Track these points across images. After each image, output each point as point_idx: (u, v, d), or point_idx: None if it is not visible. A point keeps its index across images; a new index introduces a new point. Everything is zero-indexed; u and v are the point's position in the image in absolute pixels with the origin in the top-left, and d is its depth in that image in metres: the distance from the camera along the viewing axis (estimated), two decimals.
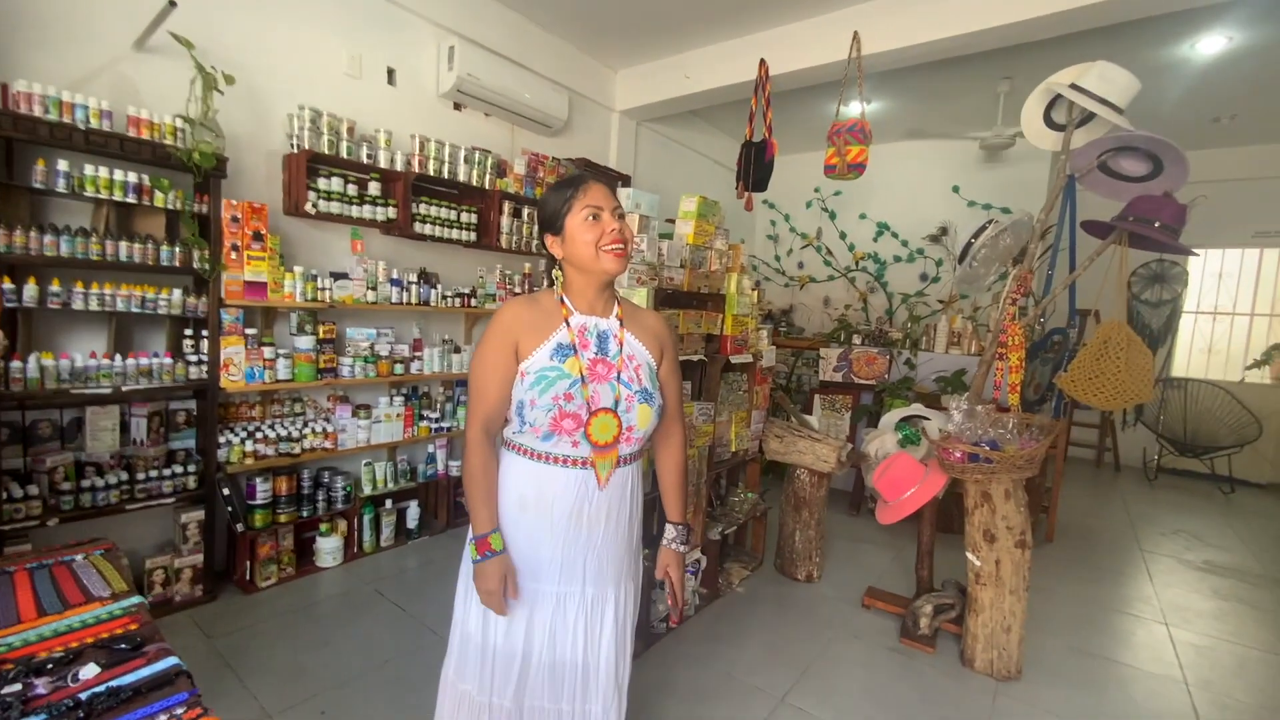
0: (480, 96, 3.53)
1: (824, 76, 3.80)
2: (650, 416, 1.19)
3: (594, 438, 1.14)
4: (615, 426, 1.16)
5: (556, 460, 1.16)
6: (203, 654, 2.13)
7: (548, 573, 1.19)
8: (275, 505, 2.64)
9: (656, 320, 1.32)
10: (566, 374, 1.12)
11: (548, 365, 1.12)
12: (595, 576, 1.22)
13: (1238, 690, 2.22)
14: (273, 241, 2.52)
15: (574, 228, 1.15)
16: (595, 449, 1.16)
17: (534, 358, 1.13)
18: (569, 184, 1.17)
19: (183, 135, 2.35)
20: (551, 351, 1.14)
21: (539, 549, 1.18)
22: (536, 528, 1.17)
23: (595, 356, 1.17)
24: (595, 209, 1.14)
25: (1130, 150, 2.30)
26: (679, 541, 1.35)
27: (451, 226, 3.32)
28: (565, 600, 1.20)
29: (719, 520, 2.76)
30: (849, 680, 2.17)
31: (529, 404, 1.11)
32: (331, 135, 2.77)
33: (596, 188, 1.16)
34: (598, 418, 1.14)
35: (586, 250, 1.14)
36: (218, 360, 2.41)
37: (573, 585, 1.21)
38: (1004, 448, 2.13)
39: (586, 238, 1.13)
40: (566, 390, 1.11)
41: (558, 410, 1.11)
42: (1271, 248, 5.44)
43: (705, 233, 2.48)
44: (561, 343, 1.15)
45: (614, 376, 1.17)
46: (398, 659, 2.12)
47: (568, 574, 1.20)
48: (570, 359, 1.14)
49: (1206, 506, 4.64)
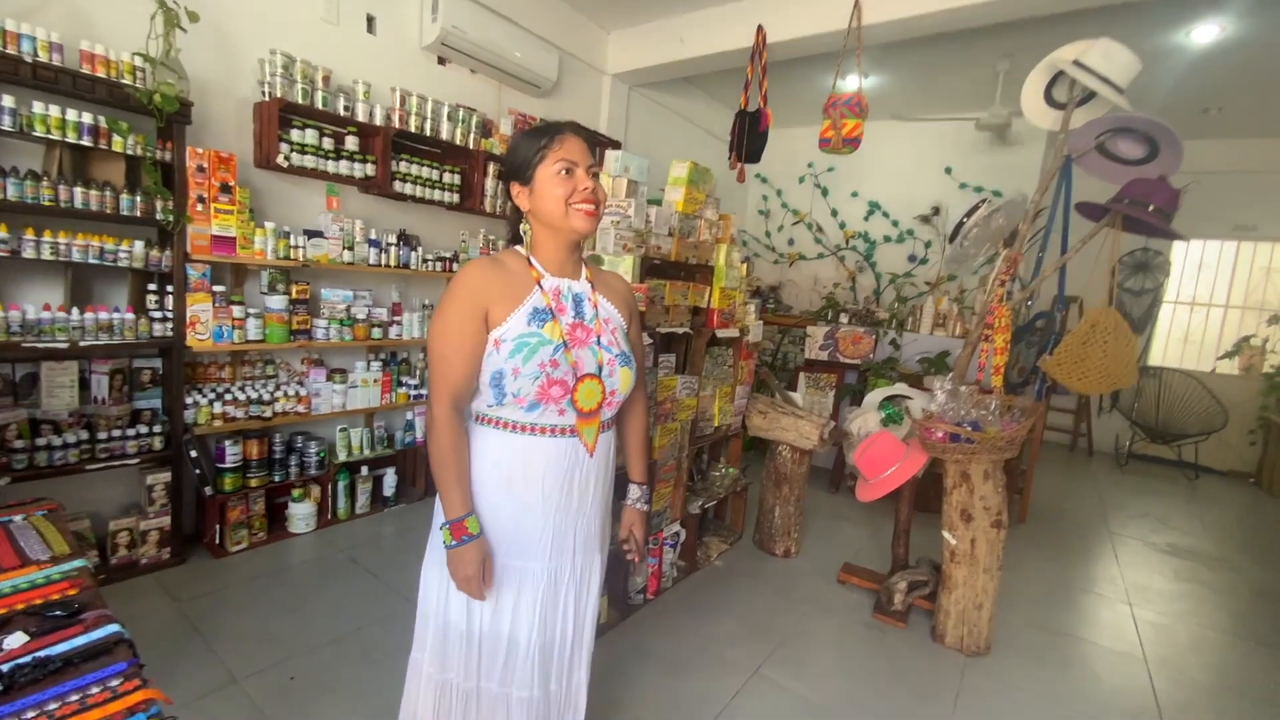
0: (466, 51, 3.37)
1: (822, 47, 3.69)
2: (630, 379, 1.15)
3: (580, 404, 1.09)
4: (600, 392, 1.11)
5: (544, 430, 1.10)
6: (169, 617, 2.08)
7: (538, 549, 1.14)
8: (246, 469, 2.57)
9: (622, 282, 1.27)
10: (547, 339, 1.06)
11: (525, 331, 1.05)
12: (583, 545, 1.19)
13: (1193, 668, 2.29)
14: (242, 194, 2.40)
15: (544, 180, 1.07)
16: (580, 416, 1.11)
17: (508, 324, 1.05)
18: (544, 132, 1.08)
19: (143, 75, 2.20)
20: (528, 316, 1.06)
21: (526, 526, 1.12)
22: (525, 504, 1.12)
23: (574, 320, 1.11)
24: (569, 163, 1.06)
25: (1127, 132, 2.27)
26: (643, 501, 1.37)
27: (433, 187, 3.19)
28: (557, 576, 1.16)
29: (699, 495, 2.75)
30: (822, 654, 2.19)
31: (510, 374, 1.04)
32: (306, 84, 2.63)
33: (573, 140, 1.08)
34: (584, 384, 1.09)
35: (555, 206, 1.06)
36: (183, 317, 2.31)
37: (564, 558, 1.16)
38: (985, 429, 2.13)
39: (557, 192, 1.06)
40: (551, 356, 1.05)
41: (545, 378, 1.05)
42: (1249, 241, 5.51)
43: (695, 201, 2.40)
44: (537, 307, 1.08)
45: (594, 341, 1.12)
46: (369, 626, 2.09)
47: (559, 547, 1.15)
48: (549, 324, 1.07)
49: (1172, 492, 4.77)
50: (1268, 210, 5.25)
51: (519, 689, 1.14)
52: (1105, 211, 2.20)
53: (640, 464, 1.36)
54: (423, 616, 1.20)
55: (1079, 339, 2.25)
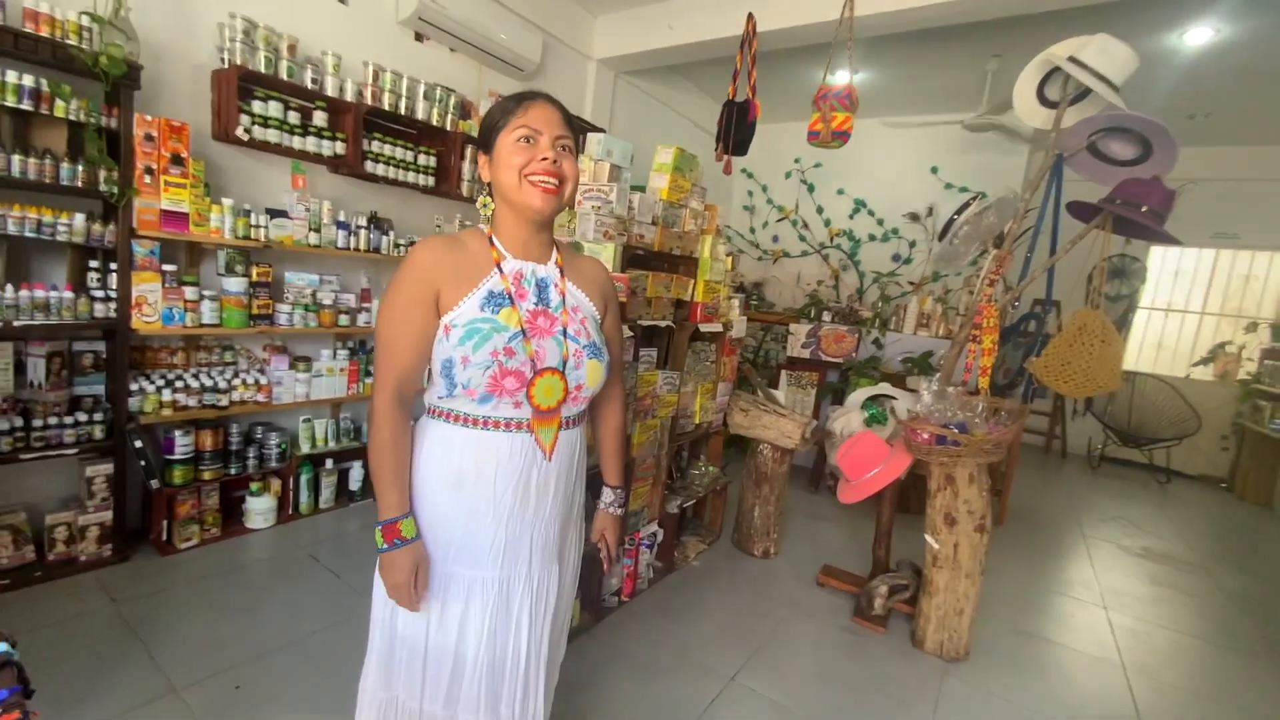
0: (445, 28, 3.22)
1: (813, 37, 3.62)
2: (600, 372, 1.05)
3: (536, 401, 0.99)
4: (560, 389, 1.00)
5: (498, 425, 0.99)
6: (106, 619, 1.93)
7: (488, 557, 1.02)
8: (198, 461, 2.42)
9: (598, 268, 1.16)
10: (503, 326, 0.95)
11: (478, 317, 0.95)
12: (541, 554, 1.08)
13: (1171, 675, 2.28)
14: (195, 167, 2.24)
15: (503, 147, 0.96)
16: (537, 414, 1.00)
17: (460, 309, 0.95)
18: (514, 97, 0.98)
19: (89, 36, 2.04)
20: (481, 301, 0.96)
21: (477, 531, 1.01)
22: (475, 506, 1.01)
23: (536, 308, 1.00)
24: (532, 131, 0.95)
25: (1120, 132, 2.23)
26: (617, 505, 1.28)
27: (408, 169, 3.05)
28: (509, 586, 1.04)
29: (678, 493, 2.67)
30: (800, 659, 2.13)
31: (459, 362, 0.94)
32: (269, 52, 2.47)
33: (541, 107, 0.97)
34: (542, 378, 0.98)
35: (510, 177, 0.95)
36: (128, 298, 2.15)
37: (517, 567, 1.05)
38: (972, 431, 2.08)
39: (513, 161, 0.95)
40: (506, 344, 0.95)
41: (497, 367, 0.94)
42: (1227, 249, 5.59)
43: (681, 189, 2.31)
44: (493, 291, 0.97)
45: (559, 331, 1.01)
46: (326, 630, 1.97)
47: (511, 555, 1.04)
48: (505, 309, 0.97)
49: (1144, 495, 4.82)
50: (1248, 218, 5.32)
51: (465, 712, 1.03)
52: (1096, 212, 2.16)
53: (615, 465, 1.27)
54: (372, 626, 1.09)
55: (1066, 341, 2.21)
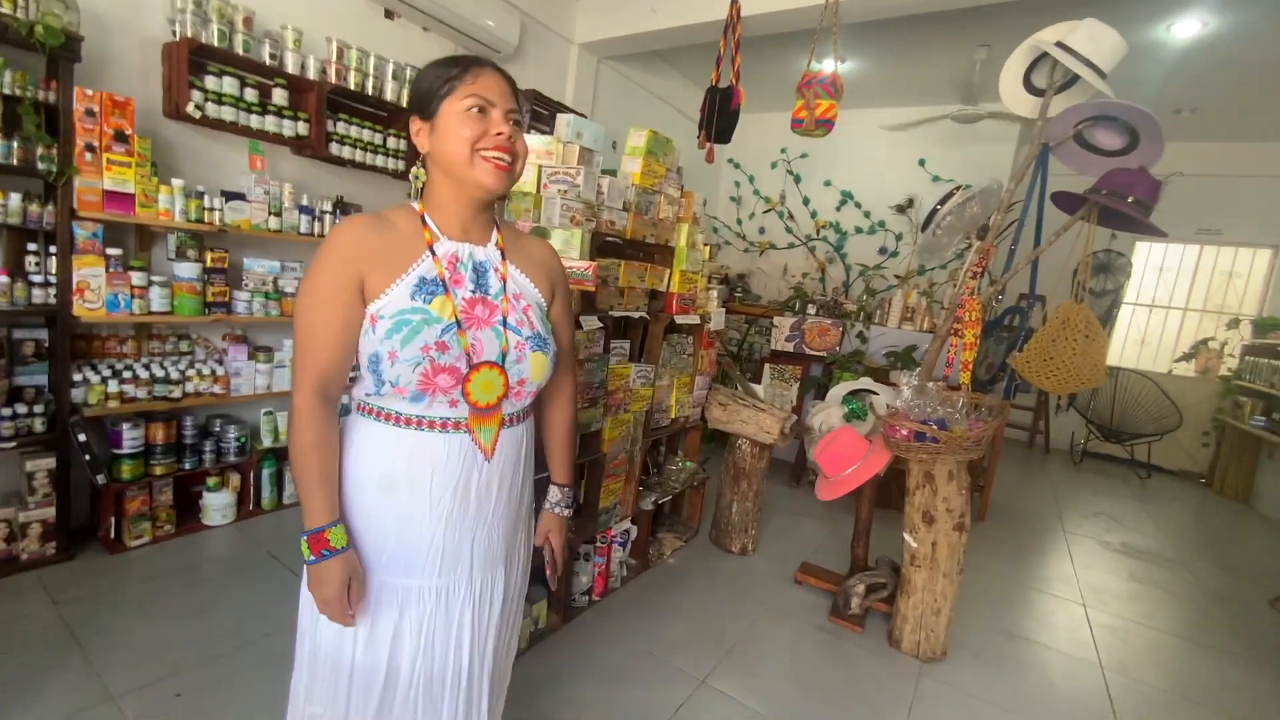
0: (417, 5, 3.09)
1: (798, 23, 3.53)
2: (545, 366, 0.97)
3: (474, 398, 0.90)
4: (500, 385, 0.92)
5: (433, 425, 0.90)
6: (45, 621, 1.83)
7: (425, 564, 0.94)
8: (149, 455, 2.31)
9: (544, 250, 1.08)
10: (435, 317, 0.86)
11: (407, 307, 0.86)
12: (484, 559, 0.99)
13: (1149, 674, 2.25)
14: (141, 145, 2.11)
15: (449, 116, 0.86)
16: (475, 412, 0.92)
17: (387, 297, 0.86)
18: (458, 61, 0.88)
19: (25, 4, 1.91)
20: (412, 289, 0.87)
21: (412, 537, 0.93)
22: (410, 510, 0.92)
23: (473, 295, 0.91)
24: (484, 100, 0.86)
25: (1107, 120, 2.17)
26: (564, 505, 1.19)
27: (376, 151, 2.94)
28: (447, 595, 0.96)
29: (654, 489, 2.60)
30: (774, 661, 2.07)
31: (387, 358, 0.85)
32: (223, 25, 2.34)
33: (492, 76, 0.88)
34: (479, 373, 0.89)
35: (459, 150, 0.86)
36: (69, 283, 2.03)
37: (458, 574, 0.97)
38: (951, 428, 2.02)
39: (463, 133, 0.86)
40: (438, 339, 0.86)
41: (429, 363, 0.85)
42: (1211, 245, 5.59)
43: (655, 174, 2.22)
44: (425, 277, 0.88)
45: (498, 320, 0.92)
46: (280, 633, 1.88)
47: (450, 562, 0.96)
48: (438, 298, 0.88)
49: (1124, 491, 4.83)
50: (1232, 214, 5.32)
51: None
52: (1082, 202, 2.10)
53: (564, 462, 1.18)
54: (299, 637, 1.01)
55: (1049, 336, 2.16)
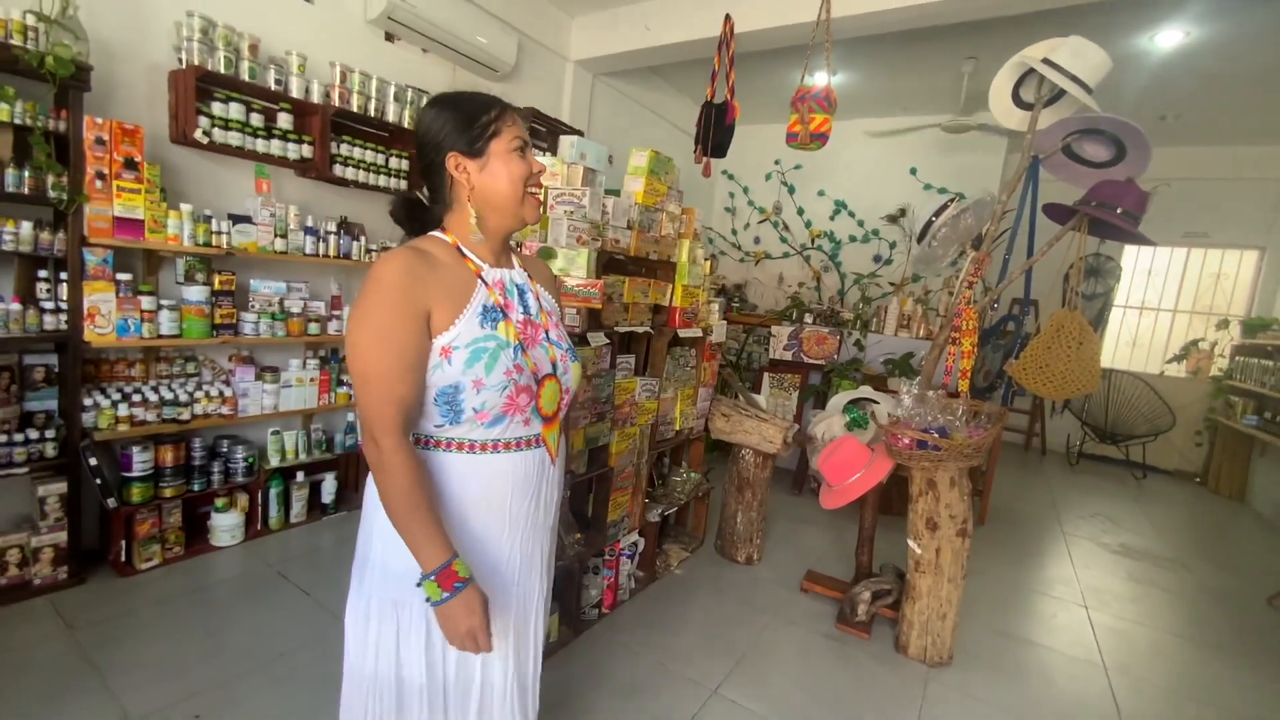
0: (416, 28, 3.15)
1: (790, 39, 3.60)
2: (580, 374, 1.05)
3: (544, 409, 0.97)
4: (559, 392, 1.00)
5: (509, 446, 0.94)
6: (60, 646, 1.84)
7: (507, 575, 0.99)
8: (158, 477, 2.32)
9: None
10: (506, 342, 0.91)
11: (480, 335, 0.88)
12: (547, 562, 1.08)
13: (1152, 674, 2.28)
14: (150, 171, 2.15)
15: (500, 156, 0.92)
16: (544, 421, 0.98)
17: (458, 328, 0.88)
18: (488, 99, 0.94)
19: (35, 36, 1.95)
20: (479, 318, 0.90)
21: (491, 553, 0.98)
22: (486, 530, 0.96)
23: (523, 317, 0.98)
24: (524, 141, 0.94)
25: (1094, 133, 2.23)
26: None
27: (379, 172, 2.97)
28: (527, 601, 1.03)
29: (660, 501, 2.63)
30: (783, 668, 2.10)
31: (470, 387, 0.87)
32: (229, 52, 2.38)
33: (518, 115, 0.96)
34: (545, 386, 0.96)
35: (512, 189, 0.92)
36: (80, 308, 2.05)
37: (533, 580, 1.04)
38: (953, 435, 2.06)
39: (516, 173, 0.92)
40: (515, 361, 0.91)
41: (512, 386, 0.90)
42: (1198, 248, 5.69)
43: (657, 192, 2.27)
44: (486, 305, 0.92)
45: (543, 337, 1.00)
46: (293, 653, 1.89)
47: (527, 569, 1.02)
48: (501, 323, 0.92)
49: (1121, 491, 4.88)
50: (1218, 217, 5.42)
51: None
52: (1072, 213, 2.16)
53: None
54: (355, 680, 0.98)
55: (1044, 343, 2.21)
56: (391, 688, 0.95)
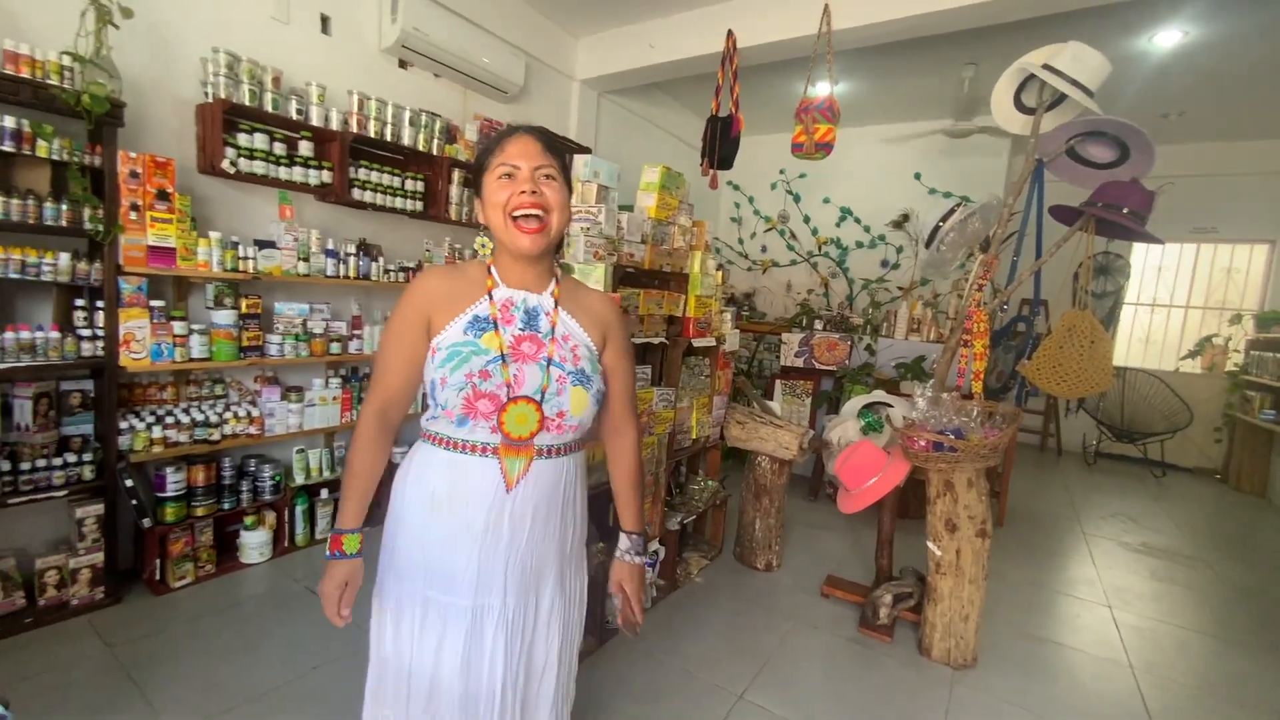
0: (429, 54, 3.25)
1: (792, 51, 3.67)
2: (585, 401, 1.03)
3: (506, 428, 0.98)
4: (535, 420, 0.99)
5: (473, 449, 0.99)
6: (100, 664, 1.89)
7: (462, 584, 1.02)
8: (190, 497, 2.38)
9: (603, 303, 1.15)
10: (483, 349, 0.97)
11: (460, 340, 0.98)
12: (518, 586, 1.05)
13: (1178, 672, 2.27)
14: (181, 201, 2.23)
15: (486, 188, 0.99)
16: (505, 442, 0.99)
17: (446, 332, 0.99)
18: (498, 135, 1.01)
19: (71, 75, 2.04)
20: (466, 325, 0.99)
21: (453, 556, 1.02)
22: (451, 530, 1.01)
23: (522, 333, 1.01)
24: (511, 167, 0.97)
25: (1097, 135, 2.27)
26: (633, 553, 1.20)
27: (395, 194, 3.06)
28: (481, 616, 1.03)
29: (678, 510, 2.66)
30: (808, 673, 2.11)
31: (439, 383, 0.97)
32: (253, 85, 2.47)
33: (520, 140, 0.98)
34: (515, 406, 0.97)
35: (495, 217, 0.98)
36: (116, 335, 2.13)
37: (490, 597, 1.03)
38: (968, 436, 2.08)
39: (498, 199, 0.97)
40: (483, 367, 0.96)
41: (470, 389, 0.96)
42: (1208, 243, 5.68)
43: (669, 206, 2.33)
44: (479, 315, 1.00)
45: (543, 357, 1.01)
46: (325, 666, 1.93)
47: (484, 584, 1.02)
48: (488, 334, 0.99)
49: (1140, 490, 4.84)
50: (1226, 212, 5.42)
51: None
52: (1079, 215, 2.19)
53: (631, 510, 1.21)
54: (372, 644, 1.12)
55: (1056, 343, 2.23)
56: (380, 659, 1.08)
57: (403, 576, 1.05)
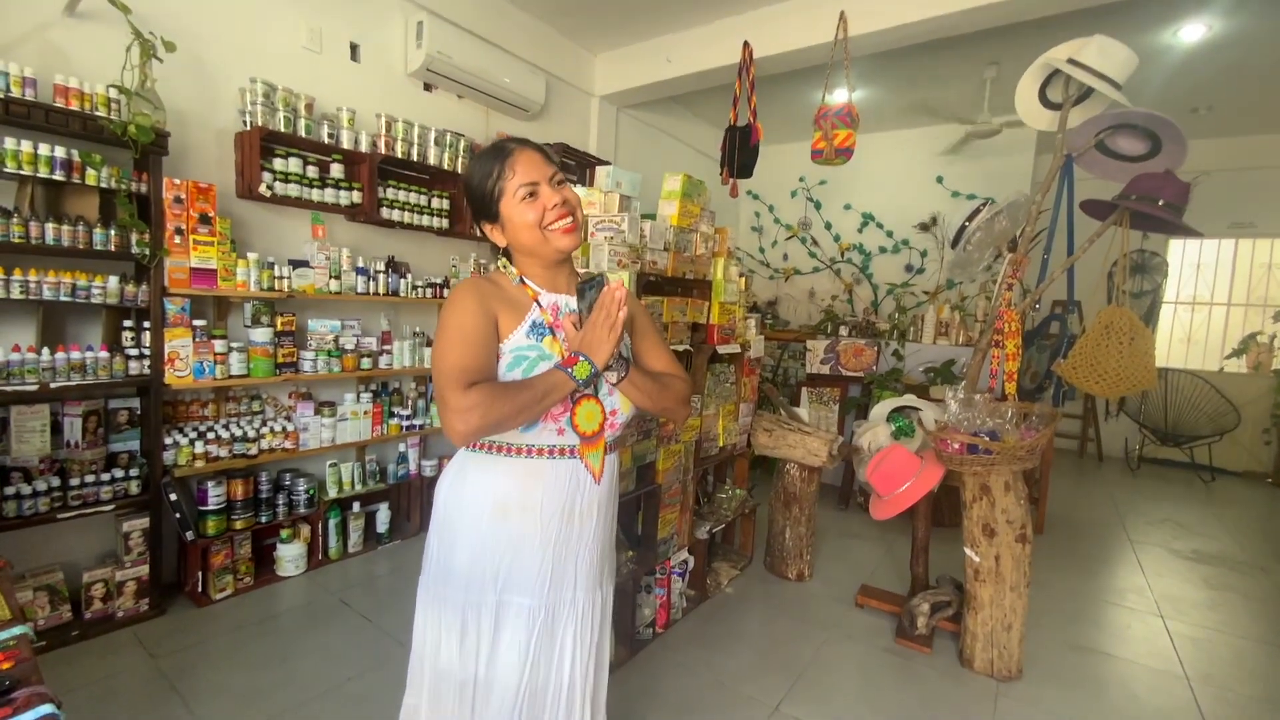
0: (452, 77, 3.34)
1: (809, 60, 3.69)
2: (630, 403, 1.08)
3: (580, 427, 1.02)
4: (599, 414, 1.03)
5: (542, 452, 1.01)
6: (145, 675, 1.94)
7: (535, 584, 1.04)
8: (230, 511, 2.44)
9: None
10: (548, 354, 0.99)
11: (524, 344, 0.99)
12: (586, 580, 1.10)
13: (1238, 683, 2.16)
14: (222, 225, 2.32)
15: (511, 212, 1.00)
16: (583, 440, 1.03)
17: (511, 337, 1.00)
18: (492, 157, 1.01)
19: (117, 107, 2.15)
20: (528, 330, 1.01)
21: (525, 558, 1.03)
22: (522, 533, 1.03)
23: None
24: (530, 185, 0.99)
25: (1128, 128, 2.23)
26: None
27: (422, 213, 3.13)
28: (554, 614, 1.06)
29: (706, 519, 2.63)
30: (845, 685, 2.06)
31: None
32: (288, 112, 2.57)
33: (526, 157, 1.00)
34: (583, 405, 1.01)
35: (531, 235, 1.00)
36: (161, 354, 2.21)
37: (562, 593, 1.07)
38: (1004, 438, 2.03)
39: (528, 219, 0.99)
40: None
41: None
42: (1246, 238, 5.49)
43: (690, 214, 2.34)
44: (536, 321, 1.02)
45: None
46: (361, 676, 1.95)
47: (557, 582, 1.06)
48: (547, 338, 1.01)
49: (1188, 495, 4.65)
50: (1263, 206, 5.24)
51: None
52: (1112, 209, 2.14)
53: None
54: (417, 659, 1.11)
55: (1093, 341, 2.17)
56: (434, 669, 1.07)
57: (469, 586, 1.04)
